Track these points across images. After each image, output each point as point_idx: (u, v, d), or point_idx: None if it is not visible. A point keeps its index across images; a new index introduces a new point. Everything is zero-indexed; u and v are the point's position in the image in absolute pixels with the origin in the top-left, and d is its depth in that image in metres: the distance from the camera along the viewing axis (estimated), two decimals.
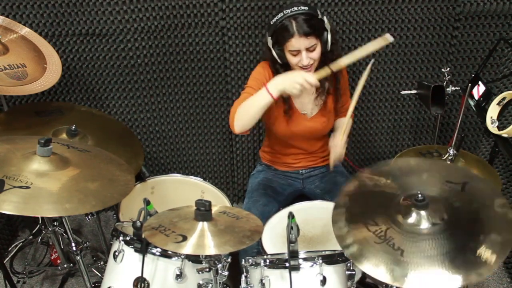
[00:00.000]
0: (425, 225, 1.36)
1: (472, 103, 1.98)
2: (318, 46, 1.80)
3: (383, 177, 1.55)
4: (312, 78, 1.70)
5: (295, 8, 1.75)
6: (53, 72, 1.90)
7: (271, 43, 1.82)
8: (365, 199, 1.50)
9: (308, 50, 1.78)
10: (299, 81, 1.68)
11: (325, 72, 1.78)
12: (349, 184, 1.57)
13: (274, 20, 1.77)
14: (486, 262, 1.22)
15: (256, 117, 1.76)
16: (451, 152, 1.81)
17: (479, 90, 1.95)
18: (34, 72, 1.84)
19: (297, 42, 1.75)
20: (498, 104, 1.80)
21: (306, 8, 1.76)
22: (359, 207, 1.49)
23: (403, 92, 2.20)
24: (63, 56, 2.25)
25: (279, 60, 1.86)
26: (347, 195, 1.53)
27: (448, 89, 1.97)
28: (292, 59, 1.81)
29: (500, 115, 1.81)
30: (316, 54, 1.80)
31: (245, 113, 1.78)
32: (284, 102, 1.95)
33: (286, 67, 1.89)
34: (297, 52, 1.78)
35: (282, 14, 1.75)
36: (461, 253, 1.26)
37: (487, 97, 1.91)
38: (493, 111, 1.81)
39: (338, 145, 1.93)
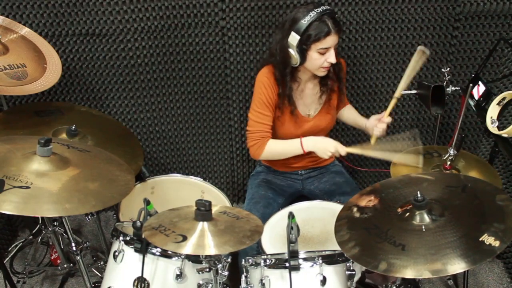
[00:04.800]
0: (426, 222, 1.37)
1: (472, 103, 1.98)
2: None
3: (382, 192, 1.58)
4: (343, 150, 1.87)
5: (325, 7, 1.78)
6: (53, 72, 1.90)
7: (298, 42, 1.79)
8: (365, 218, 1.51)
9: (334, 48, 1.84)
10: (331, 150, 1.88)
11: (356, 150, 1.90)
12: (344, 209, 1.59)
13: (308, 18, 1.76)
14: (490, 246, 1.22)
15: (282, 158, 2.03)
16: (451, 152, 1.80)
17: (479, 90, 1.95)
18: (34, 72, 1.84)
19: (331, 40, 1.79)
20: (498, 104, 1.80)
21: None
22: (360, 222, 1.51)
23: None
24: (63, 56, 2.25)
25: (298, 61, 1.83)
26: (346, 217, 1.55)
27: (448, 89, 1.97)
28: (318, 60, 1.83)
29: (500, 115, 1.81)
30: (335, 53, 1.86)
31: (275, 155, 2.02)
32: (290, 103, 1.96)
33: (293, 72, 1.91)
34: (325, 51, 1.81)
35: (314, 12, 1.75)
36: (464, 241, 1.27)
37: (487, 97, 1.91)
38: (493, 111, 1.81)
39: (383, 121, 1.94)
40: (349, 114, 2.20)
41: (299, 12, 1.79)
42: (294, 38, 1.79)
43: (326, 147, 1.90)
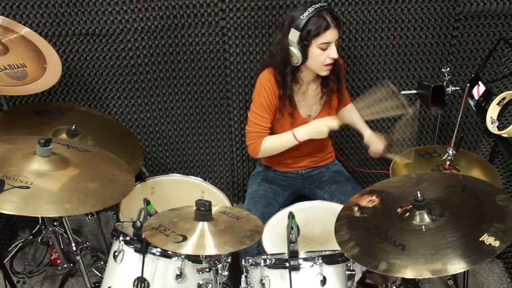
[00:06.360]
0: (425, 222, 1.37)
1: (472, 103, 1.98)
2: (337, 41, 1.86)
3: (383, 192, 1.57)
4: (334, 122, 1.87)
5: (322, 4, 1.80)
6: (53, 72, 1.90)
7: (298, 39, 1.80)
8: (365, 218, 1.51)
9: (334, 44, 1.84)
10: (325, 130, 1.87)
11: (344, 119, 1.94)
12: (346, 208, 1.59)
13: (306, 13, 1.77)
14: (490, 246, 1.23)
15: (280, 152, 2.01)
16: (450, 152, 1.81)
17: (479, 90, 1.95)
18: (34, 72, 1.84)
19: (331, 34, 1.80)
20: (498, 104, 1.80)
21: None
22: (360, 222, 1.51)
23: (403, 92, 2.20)
24: (63, 56, 2.25)
25: (300, 59, 1.83)
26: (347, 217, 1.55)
27: (448, 89, 1.97)
28: (320, 56, 1.83)
29: (500, 115, 1.81)
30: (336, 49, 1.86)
31: (271, 151, 2.01)
32: (291, 105, 1.95)
33: (295, 73, 1.91)
34: (327, 46, 1.81)
35: (312, 8, 1.77)
36: (464, 241, 1.27)
37: (487, 97, 1.91)
38: (493, 111, 1.81)
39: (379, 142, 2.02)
40: (348, 115, 2.17)
41: (297, 10, 1.81)
42: (294, 35, 1.80)
43: (319, 129, 1.88)
